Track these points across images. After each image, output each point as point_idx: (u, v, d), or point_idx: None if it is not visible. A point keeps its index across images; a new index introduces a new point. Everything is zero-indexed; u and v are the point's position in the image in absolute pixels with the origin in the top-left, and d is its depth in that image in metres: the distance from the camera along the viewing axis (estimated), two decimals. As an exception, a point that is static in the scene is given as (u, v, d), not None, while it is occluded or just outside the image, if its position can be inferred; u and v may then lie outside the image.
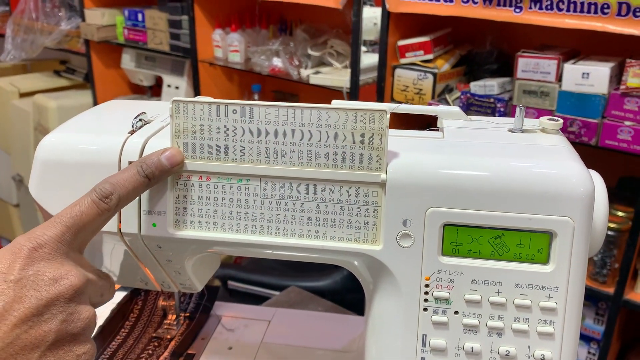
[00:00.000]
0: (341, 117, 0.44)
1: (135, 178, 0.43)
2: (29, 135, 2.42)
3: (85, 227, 0.40)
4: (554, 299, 0.43)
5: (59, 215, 0.40)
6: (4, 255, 0.37)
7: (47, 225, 0.39)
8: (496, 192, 0.42)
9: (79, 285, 0.38)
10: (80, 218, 0.40)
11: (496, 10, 1.25)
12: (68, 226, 0.39)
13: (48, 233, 0.38)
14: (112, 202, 0.41)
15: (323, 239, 0.46)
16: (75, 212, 0.40)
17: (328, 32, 1.78)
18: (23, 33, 2.41)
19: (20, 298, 0.36)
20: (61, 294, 0.37)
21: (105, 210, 0.41)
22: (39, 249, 0.37)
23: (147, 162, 0.44)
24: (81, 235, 0.40)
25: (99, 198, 0.41)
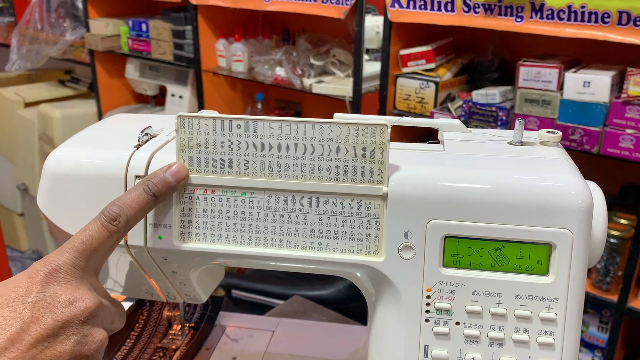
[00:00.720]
0: (343, 132, 0.45)
1: (142, 197, 0.44)
2: (33, 144, 2.44)
3: (97, 250, 0.41)
4: (554, 309, 0.43)
5: (70, 241, 0.41)
6: (21, 280, 0.38)
7: (60, 250, 0.40)
8: (496, 205, 0.43)
9: (94, 308, 0.39)
10: (91, 242, 0.41)
11: (497, 19, 1.26)
12: (80, 251, 0.40)
13: (62, 258, 0.39)
14: (121, 223, 0.42)
15: (326, 251, 0.46)
16: (86, 236, 0.41)
17: (330, 41, 1.80)
18: (28, 43, 2.43)
19: (37, 319, 0.37)
20: (76, 315, 0.38)
21: (115, 232, 0.42)
22: (54, 274, 0.39)
23: (153, 181, 0.45)
24: (94, 258, 0.41)
25: (107, 221, 0.42)
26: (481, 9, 1.27)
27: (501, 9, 1.25)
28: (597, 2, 1.14)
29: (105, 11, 2.23)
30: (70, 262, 0.39)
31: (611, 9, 1.12)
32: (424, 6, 1.35)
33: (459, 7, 1.30)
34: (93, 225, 0.42)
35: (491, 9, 1.26)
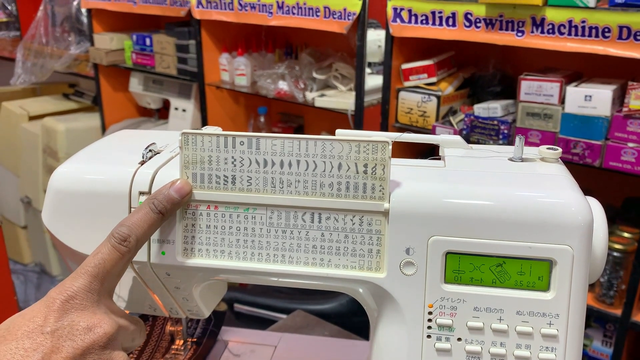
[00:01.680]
0: (345, 148, 0.45)
1: (149, 216, 0.44)
2: (37, 157, 2.45)
3: (109, 272, 0.42)
4: (555, 325, 0.43)
5: (83, 266, 0.41)
6: (39, 309, 0.39)
7: (74, 276, 0.41)
8: (497, 221, 0.43)
9: (112, 332, 0.40)
10: (104, 265, 0.41)
11: (498, 34, 1.27)
12: (94, 275, 0.41)
13: (76, 284, 0.40)
14: (131, 243, 0.43)
15: (328, 267, 0.47)
16: (98, 260, 0.41)
17: (333, 55, 1.81)
18: (33, 57, 2.45)
19: (57, 348, 0.37)
20: (95, 342, 0.39)
21: (126, 253, 0.43)
22: (70, 301, 0.39)
23: (158, 198, 0.45)
24: (108, 280, 0.42)
25: (118, 242, 0.42)
26: (482, 23, 1.28)
27: (502, 24, 1.26)
28: (598, 17, 1.14)
29: (110, 26, 2.25)
30: (85, 288, 0.40)
31: (611, 23, 1.13)
32: (425, 21, 1.36)
33: (460, 21, 1.31)
34: (104, 247, 0.42)
35: (492, 23, 1.27)
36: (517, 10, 1.23)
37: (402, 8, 1.38)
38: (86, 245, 0.49)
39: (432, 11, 1.34)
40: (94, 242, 0.49)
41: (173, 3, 1.87)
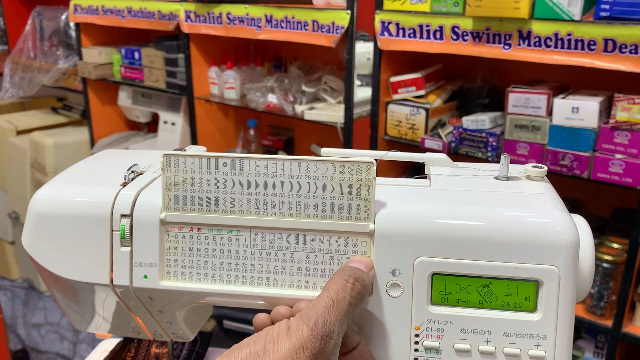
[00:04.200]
0: (329, 169, 0.45)
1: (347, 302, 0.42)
2: (25, 172, 2.43)
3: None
4: (543, 347, 0.43)
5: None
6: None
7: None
8: (483, 242, 0.43)
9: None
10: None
11: (486, 47, 1.28)
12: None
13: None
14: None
15: (313, 289, 0.46)
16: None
17: (322, 68, 1.81)
18: (21, 71, 2.44)
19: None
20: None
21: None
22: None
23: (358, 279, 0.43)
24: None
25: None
26: (469, 36, 1.29)
27: (489, 37, 1.27)
28: (583, 30, 1.15)
29: (98, 39, 2.25)
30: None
31: (597, 36, 1.14)
32: (413, 34, 1.36)
33: (447, 35, 1.32)
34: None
35: (479, 37, 1.28)
36: (503, 24, 1.24)
37: (390, 22, 1.39)
38: (67, 269, 0.48)
39: (419, 25, 1.35)
40: (75, 266, 0.48)
41: (161, 17, 1.87)
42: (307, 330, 0.39)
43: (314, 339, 0.39)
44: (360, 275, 0.43)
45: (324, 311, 0.40)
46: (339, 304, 0.41)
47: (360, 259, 0.45)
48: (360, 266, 0.44)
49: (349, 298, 0.42)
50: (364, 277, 0.43)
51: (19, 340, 2.24)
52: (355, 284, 0.42)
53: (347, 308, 0.41)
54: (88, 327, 0.56)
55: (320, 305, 0.41)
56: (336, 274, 0.43)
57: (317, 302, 0.41)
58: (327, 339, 0.40)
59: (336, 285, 0.42)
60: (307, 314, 0.40)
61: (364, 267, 0.44)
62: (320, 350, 0.39)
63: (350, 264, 0.44)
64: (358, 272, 0.43)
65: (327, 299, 0.41)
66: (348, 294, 0.42)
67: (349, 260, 0.45)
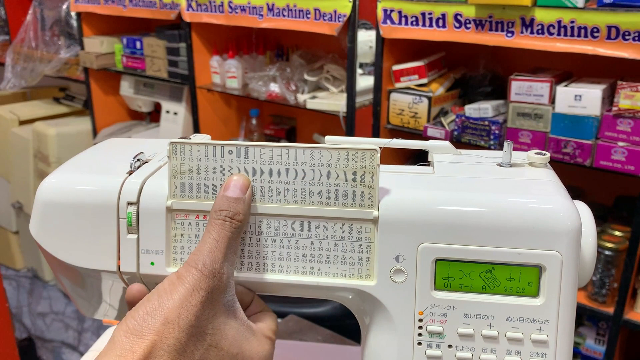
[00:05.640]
0: (333, 156, 0.45)
1: (224, 233, 0.43)
2: (28, 162, 2.44)
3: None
4: (545, 331, 0.43)
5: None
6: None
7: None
8: (486, 227, 0.43)
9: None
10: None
11: (488, 35, 1.28)
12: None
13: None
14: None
15: (318, 275, 0.47)
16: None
17: (324, 57, 1.81)
18: (23, 61, 2.44)
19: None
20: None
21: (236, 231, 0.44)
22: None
23: (224, 208, 0.44)
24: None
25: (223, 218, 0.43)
26: (472, 24, 1.29)
27: (492, 25, 1.27)
28: (586, 17, 1.15)
29: (100, 29, 2.25)
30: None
31: (600, 23, 1.14)
32: (415, 22, 1.36)
33: (450, 22, 1.31)
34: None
35: (482, 24, 1.27)
36: (506, 11, 1.23)
37: (392, 9, 1.38)
38: (74, 256, 0.49)
39: (422, 12, 1.34)
40: (82, 254, 0.49)
41: (163, 6, 1.86)
42: (196, 272, 0.41)
43: (205, 278, 0.41)
44: (235, 209, 0.44)
45: (210, 251, 0.42)
46: (223, 242, 0.43)
47: (235, 183, 0.45)
48: (235, 192, 0.44)
49: (231, 234, 0.43)
50: (239, 209, 0.44)
51: (25, 329, 2.26)
52: (232, 220, 0.43)
53: (231, 242, 0.43)
54: (95, 314, 0.57)
55: (204, 248, 0.42)
56: (213, 214, 0.44)
57: (201, 245, 0.43)
58: (218, 275, 0.41)
59: (217, 226, 0.43)
60: (193, 258, 0.42)
61: (239, 192, 0.45)
62: (214, 287, 0.41)
63: (226, 192, 0.44)
64: (233, 207, 0.44)
65: (210, 239, 0.42)
66: (229, 230, 0.43)
67: (223, 187, 0.45)
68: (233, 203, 0.44)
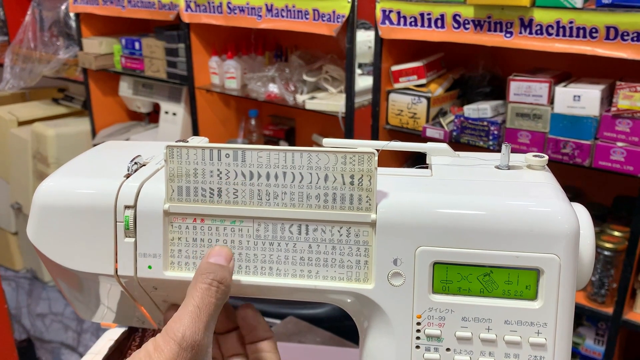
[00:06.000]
0: (331, 160, 0.45)
1: (210, 300, 0.42)
2: (27, 163, 2.44)
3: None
4: (543, 334, 0.43)
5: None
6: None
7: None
8: (484, 231, 0.43)
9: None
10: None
11: (487, 35, 1.28)
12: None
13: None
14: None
15: (316, 279, 0.46)
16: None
17: (323, 57, 1.81)
18: (22, 62, 2.44)
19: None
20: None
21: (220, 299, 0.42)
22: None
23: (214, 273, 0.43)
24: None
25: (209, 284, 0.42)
26: (471, 25, 1.29)
27: (490, 25, 1.27)
28: (585, 18, 1.15)
29: (99, 30, 2.24)
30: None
31: (599, 24, 1.14)
32: (414, 23, 1.36)
33: (448, 23, 1.31)
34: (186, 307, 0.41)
35: (481, 25, 1.27)
36: (505, 12, 1.23)
37: (391, 10, 1.38)
38: (72, 260, 0.49)
39: (420, 13, 1.34)
40: (79, 257, 0.49)
41: (162, 7, 1.86)
42: (174, 346, 0.39)
43: (183, 351, 0.39)
44: (222, 275, 0.43)
45: (191, 322, 0.40)
46: (205, 310, 0.41)
47: (219, 251, 0.45)
48: (220, 260, 0.44)
49: (215, 301, 0.42)
50: (226, 276, 0.43)
51: (24, 330, 2.26)
52: (219, 286, 0.42)
53: (213, 310, 0.42)
54: (93, 317, 0.57)
55: (186, 317, 0.41)
56: (198, 278, 0.43)
57: (183, 312, 0.41)
58: (197, 347, 0.40)
59: (200, 291, 0.42)
60: (173, 327, 0.40)
61: (224, 261, 0.44)
62: (191, 359, 0.40)
63: (210, 258, 0.44)
64: (220, 273, 0.43)
65: (193, 307, 0.41)
66: (213, 297, 0.42)
67: (208, 254, 0.45)
68: (219, 269, 0.43)
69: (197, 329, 0.40)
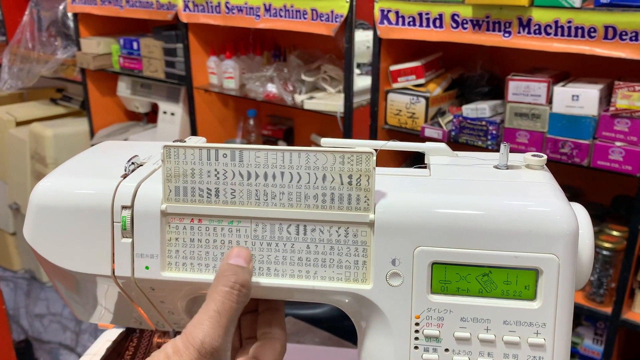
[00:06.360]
0: (329, 160, 0.45)
1: (229, 304, 0.42)
2: (25, 163, 2.43)
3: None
4: (542, 335, 0.43)
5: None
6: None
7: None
8: (482, 231, 0.43)
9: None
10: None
11: (485, 35, 1.28)
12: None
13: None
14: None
15: (314, 279, 0.46)
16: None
17: (321, 57, 1.81)
18: (20, 62, 2.43)
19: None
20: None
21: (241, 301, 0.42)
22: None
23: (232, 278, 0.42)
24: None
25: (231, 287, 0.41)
26: (469, 24, 1.29)
27: (489, 25, 1.26)
28: (583, 17, 1.15)
29: (97, 30, 2.24)
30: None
31: (597, 24, 1.14)
32: (412, 23, 1.36)
33: (447, 23, 1.31)
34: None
35: (479, 24, 1.27)
36: (503, 11, 1.23)
37: (390, 10, 1.38)
38: (68, 261, 0.49)
39: (419, 13, 1.34)
40: (76, 258, 0.49)
41: (160, 7, 1.86)
42: (194, 352, 0.39)
43: (203, 358, 0.39)
44: (244, 278, 0.42)
45: (211, 328, 0.40)
46: (226, 314, 0.41)
47: (239, 253, 0.44)
48: (240, 262, 0.43)
49: (236, 305, 0.42)
50: (247, 278, 0.43)
51: (22, 330, 2.26)
52: (240, 289, 0.42)
53: (233, 315, 0.41)
54: (90, 318, 0.56)
55: (206, 322, 0.40)
56: (220, 280, 0.42)
57: (203, 317, 0.40)
58: (216, 352, 0.39)
59: (222, 294, 0.41)
60: (192, 332, 0.40)
61: (244, 262, 0.44)
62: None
63: (230, 260, 0.43)
64: (242, 275, 0.42)
65: (213, 312, 0.40)
66: (235, 301, 0.41)
67: (227, 256, 0.44)
68: (240, 270, 0.43)
69: (216, 335, 0.40)
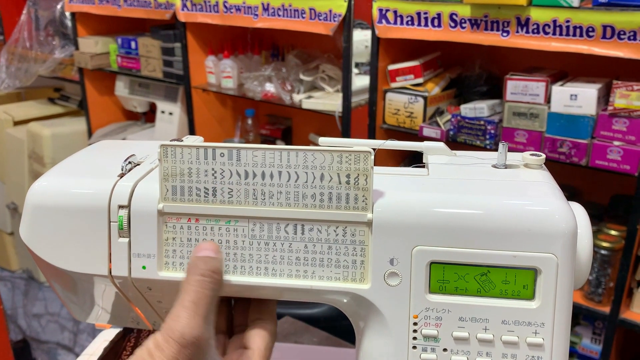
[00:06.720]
0: (327, 159, 0.44)
1: (204, 292, 0.42)
2: (23, 163, 2.43)
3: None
4: (541, 334, 0.43)
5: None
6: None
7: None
8: (481, 230, 0.43)
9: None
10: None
11: (484, 34, 1.28)
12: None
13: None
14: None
15: (312, 279, 0.46)
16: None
17: (319, 57, 1.80)
18: (17, 62, 2.43)
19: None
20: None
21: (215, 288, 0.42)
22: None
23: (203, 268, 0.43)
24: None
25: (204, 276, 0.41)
26: (467, 24, 1.28)
27: (487, 24, 1.26)
28: (582, 17, 1.15)
29: (95, 29, 2.24)
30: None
31: (595, 23, 1.14)
32: (411, 22, 1.36)
33: (445, 22, 1.31)
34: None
35: (477, 24, 1.27)
36: (501, 11, 1.23)
37: (388, 9, 1.38)
38: (65, 260, 0.48)
39: (417, 12, 1.34)
40: (73, 258, 0.48)
41: (158, 6, 1.85)
42: (174, 345, 0.39)
43: (185, 349, 0.39)
44: (214, 265, 0.43)
45: (189, 318, 0.40)
46: (201, 303, 0.41)
47: (206, 246, 0.44)
48: (209, 253, 0.44)
49: (210, 292, 0.42)
50: (217, 265, 0.43)
51: (20, 330, 2.25)
52: (212, 275, 0.42)
53: (209, 302, 0.42)
54: (87, 318, 0.56)
55: (183, 314, 0.40)
56: (190, 271, 0.42)
57: (179, 309, 0.40)
58: (197, 342, 0.40)
59: (195, 284, 0.41)
60: (172, 326, 0.40)
61: (213, 253, 0.44)
62: (193, 354, 0.39)
63: (198, 253, 0.44)
64: (212, 263, 0.43)
65: (189, 303, 0.41)
66: (208, 289, 0.42)
67: (196, 250, 0.44)
68: (209, 260, 0.43)
69: (196, 325, 0.40)
